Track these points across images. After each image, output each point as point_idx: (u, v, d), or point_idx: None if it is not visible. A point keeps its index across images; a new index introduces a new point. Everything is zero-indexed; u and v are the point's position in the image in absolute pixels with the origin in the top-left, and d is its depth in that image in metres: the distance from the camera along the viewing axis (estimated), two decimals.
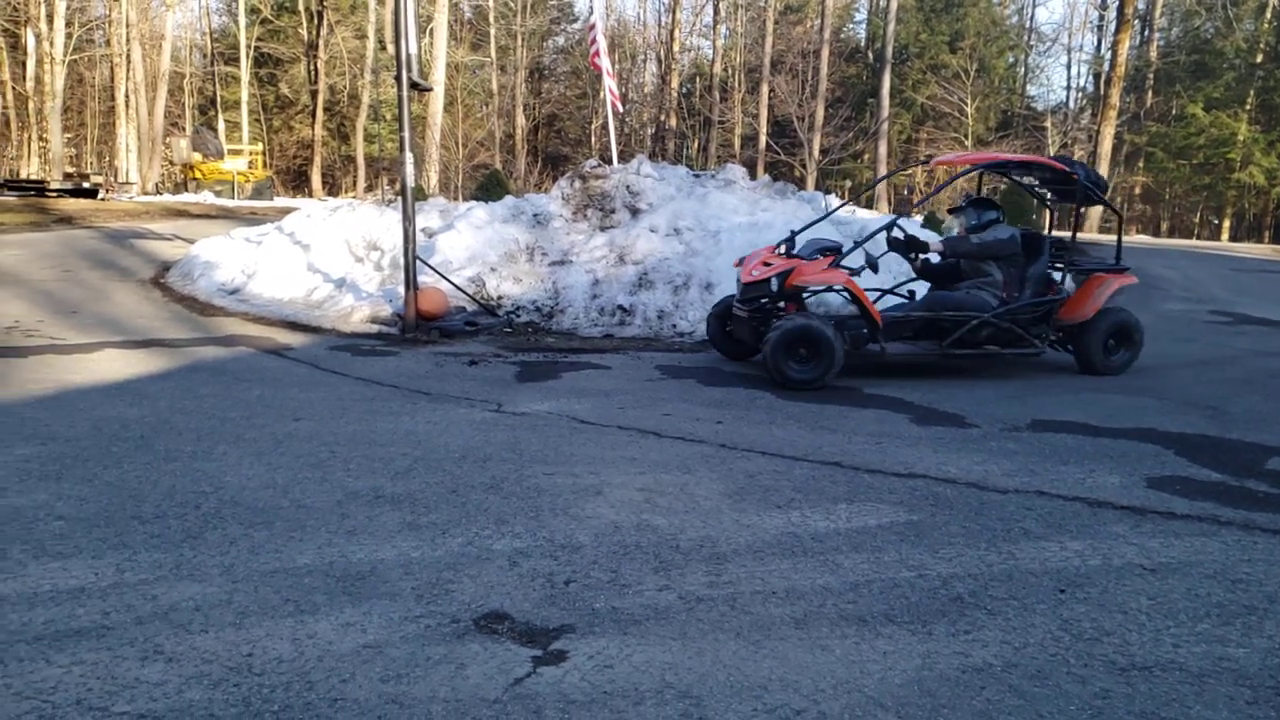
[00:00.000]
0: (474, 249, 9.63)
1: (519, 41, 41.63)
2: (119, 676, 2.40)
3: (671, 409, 5.64)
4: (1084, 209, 10.03)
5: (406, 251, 8.03)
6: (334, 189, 42.09)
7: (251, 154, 35.19)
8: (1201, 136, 34.03)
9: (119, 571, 3.04)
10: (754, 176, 12.10)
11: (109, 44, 37.28)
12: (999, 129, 38.35)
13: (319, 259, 10.20)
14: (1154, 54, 37.93)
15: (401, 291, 8.29)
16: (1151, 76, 37.95)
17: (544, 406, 5.62)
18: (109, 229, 16.97)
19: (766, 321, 6.54)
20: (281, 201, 30.07)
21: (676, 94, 39.86)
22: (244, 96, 39.95)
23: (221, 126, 40.24)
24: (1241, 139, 33.17)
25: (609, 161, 12.10)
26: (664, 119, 39.48)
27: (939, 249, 6.79)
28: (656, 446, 4.76)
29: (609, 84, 13.43)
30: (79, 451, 4.38)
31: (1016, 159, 7.63)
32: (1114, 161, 32.14)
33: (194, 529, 3.43)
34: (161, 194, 31.13)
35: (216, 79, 44.42)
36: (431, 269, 8.87)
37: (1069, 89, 45.67)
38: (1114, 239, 7.57)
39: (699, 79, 44.26)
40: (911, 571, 3.20)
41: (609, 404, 5.74)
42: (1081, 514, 3.83)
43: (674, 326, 8.49)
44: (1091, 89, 42.00)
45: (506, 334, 8.35)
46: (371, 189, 34.65)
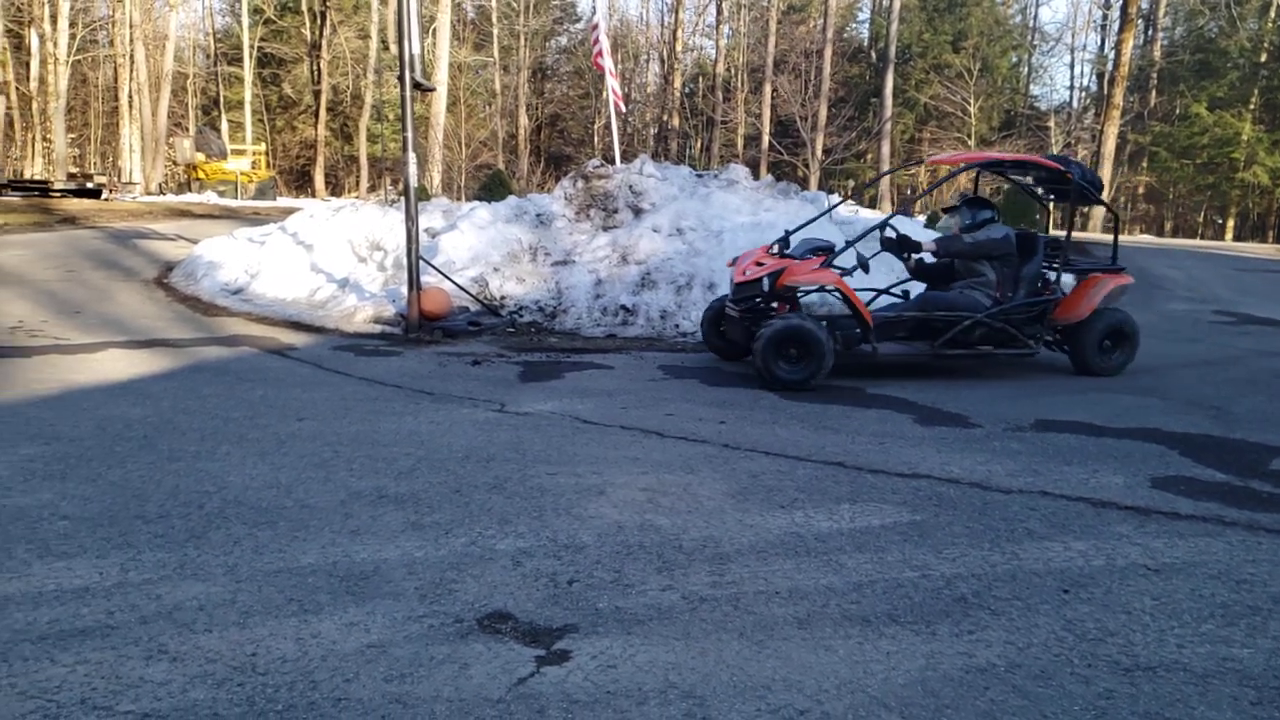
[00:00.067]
0: (477, 249, 9.64)
1: (522, 41, 41.64)
2: (123, 676, 2.41)
3: (674, 409, 5.64)
4: (1087, 209, 10.02)
5: (409, 251, 8.04)
6: (337, 189, 42.15)
7: (254, 154, 35.26)
8: (1205, 136, 33.96)
9: (123, 571, 3.05)
10: (757, 176, 12.11)
11: (112, 44, 37.36)
12: (1002, 129, 38.31)
13: (322, 259, 10.22)
14: (1158, 53, 37.86)
15: (404, 291, 8.30)
16: (1155, 76, 37.89)
17: (547, 406, 5.63)
18: (112, 229, 17.00)
19: (759, 321, 6.51)
20: (284, 202, 30.13)
21: (679, 94, 39.84)
22: (247, 96, 40.02)
23: (225, 127, 40.31)
24: (1245, 138, 33.09)
25: (612, 161, 12.10)
26: (667, 119, 39.48)
27: (931, 249, 6.76)
28: (659, 446, 4.76)
29: (612, 84, 13.44)
30: (83, 451, 4.39)
31: (1011, 158, 7.59)
32: (1117, 161, 32.09)
33: (198, 529, 3.44)
34: (165, 194, 31.20)
35: (219, 79, 44.49)
36: (434, 269, 8.88)
37: (1072, 88, 45.77)
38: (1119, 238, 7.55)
39: (702, 79, 44.24)
40: (915, 572, 3.19)
41: (612, 404, 5.74)
42: (1085, 514, 3.83)
43: (677, 326, 8.49)
44: (1095, 88, 41.95)
45: (509, 334, 8.35)
46: (374, 189, 34.72)
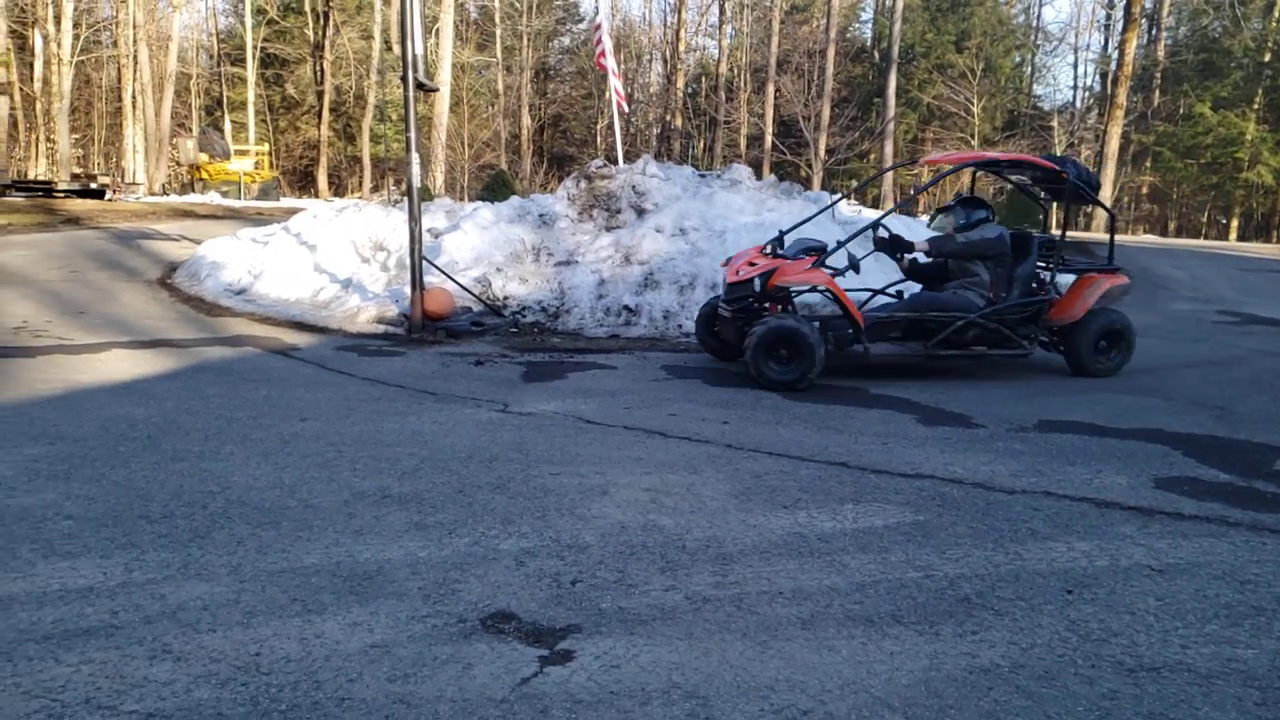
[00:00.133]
0: (480, 249, 9.64)
1: (525, 42, 41.65)
2: (127, 675, 2.41)
3: (677, 409, 5.64)
4: (1090, 209, 9.98)
5: (413, 252, 8.05)
6: (340, 189, 42.18)
7: (258, 154, 35.31)
8: (1209, 136, 33.90)
9: (127, 571, 3.06)
10: (760, 176, 12.11)
11: (116, 45, 37.40)
12: (1005, 129, 38.30)
13: (325, 259, 10.23)
14: (1161, 53, 37.79)
15: (408, 292, 8.30)
16: (1159, 76, 37.81)
17: (550, 407, 5.63)
18: (116, 229, 17.03)
19: (751, 322, 6.50)
20: (288, 202, 30.16)
21: (682, 94, 39.86)
22: (250, 97, 40.07)
23: (228, 127, 40.35)
24: (1249, 138, 33.03)
25: (615, 162, 12.10)
26: (669, 119, 39.47)
27: (924, 248, 6.74)
28: (662, 447, 4.76)
29: (615, 84, 13.41)
30: (87, 451, 4.40)
31: (1007, 158, 7.54)
32: (1121, 161, 32.03)
33: (201, 529, 3.45)
34: (168, 194, 31.26)
35: (223, 80, 44.54)
36: (438, 269, 8.89)
37: (1075, 88, 45.73)
38: (1121, 238, 7.55)
39: (704, 79, 44.25)
40: (918, 572, 3.19)
41: (615, 404, 5.75)
42: (1089, 514, 3.82)
43: (680, 327, 8.49)
44: (1098, 88, 41.92)
45: (512, 334, 8.35)
46: (377, 189, 34.77)
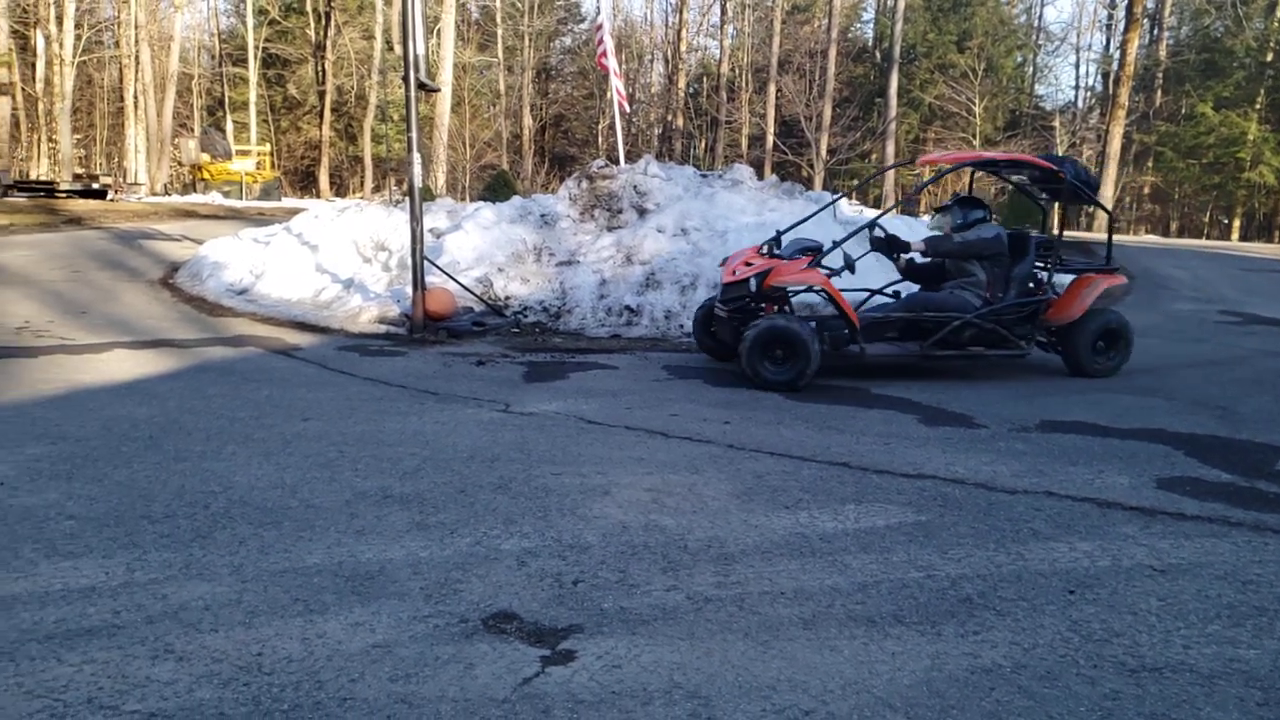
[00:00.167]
0: (481, 249, 9.65)
1: (526, 42, 41.66)
2: (130, 675, 2.42)
3: (679, 409, 5.64)
4: (1091, 209, 9.96)
5: (414, 252, 8.05)
6: (341, 190, 42.20)
7: (259, 155, 35.34)
8: (1211, 136, 33.88)
9: (129, 571, 3.06)
10: (761, 176, 12.11)
11: (118, 45, 37.43)
12: (1007, 128, 38.28)
13: (327, 259, 10.24)
14: (1163, 53, 37.75)
15: (409, 292, 8.31)
16: (1161, 75, 37.78)
17: (551, 407, 5.63)
18: (118, 230, 17.05)
19: (747, 322, 6.49)
20: (289, 202, 30.21)
21: (683, 94, 39.87)
22: (252, 97, 40.12)
23: (229, 127, 40.35)
24: (1251, 138, 33.00)
25: (616, 162, 12.10)
26: (671, 119, 39.49)
27: (920, 248, 6.73)
28: (664, 447, 4.76)
29: (616, 84, 13.41)
30: (89, 451, 4.41)
31: (1005, 157, 7.52)
32: (1123, 161, 31.98)
33: (203, 528, 3.45)
34: (170, 195, 31.30)
35: (224, 80, 44.59)
36: (439, 269, 8.89)
37: (1077, 88, 45.64)
38: (1123, 238, 7.53)
39: (706, 79, 44.23)
40: (920, 572, 3.19)
41: (616, 404, 5.75)
42: (1091, 515, 3.82)
43: (681, 327, 8.49)
44: (1100, 88, 41.87)
45: (514, 334, 8.36)
46: (379, 189, 34.79)
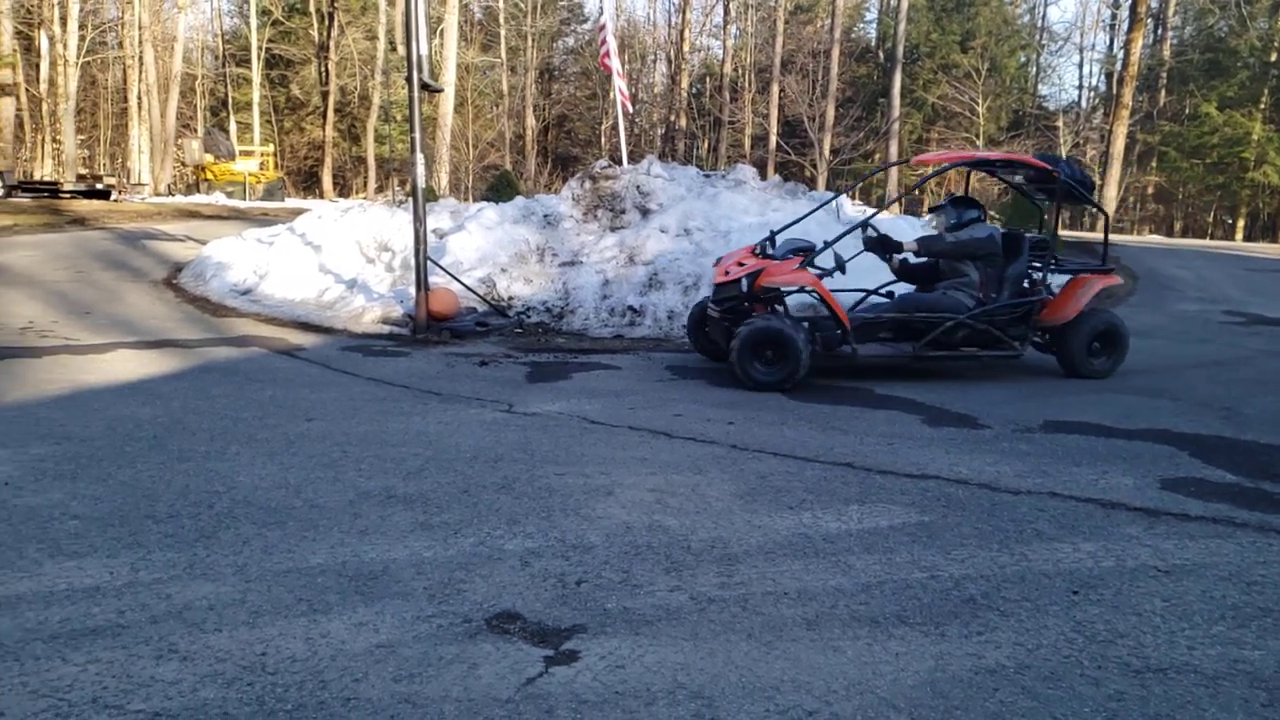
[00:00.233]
0: (484, 250, 9.66)
1: (529, 42, 41.69)
2: (134, 675, 2.42)
3: (682, 409, 5.64)
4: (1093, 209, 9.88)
5: (417, 252, 8.06)
6: (345, 190, 42.27)
7: (263, 155, 35.41)
8: (1215, 136, 33.83)
9: (133, 570, 3.07)
10: (764, 177, 12.10)
11: (121, 46, 37.50)
12: (1011, 128, 38.24)
13: (330, 260, 10.25)
14: (1167, 53, 37.70)
15: (412, 292, 8.31)
16: (1164, 75, 37.71)
17: (555, 407, 5.63)
18: (122, 230, 17.09)
19: (739, 322, 6.48)
20: (293, 203, 30.26)
21: (686, 94, 39.83)
22: (255, 98, 40.19)
23: (233, 128, 40.46)
24: (1256, 138, 32.96)
25: (619, 162, 12.11)
26: (674, 119, 39.46)
27: (912, 248, 6.71)
28: (667, 447, 4.76)
29: (619, 84, 13.41)
30: (93, 451, 4.41)
31: (999, 157, 7.48)
32: (1126, 161, 31.90)
33: (207, 528, 3.45)
34: (173, 195, 31.35)
35: (228, 80, 44.66)
36: (442, 270, 8.90)
37: (1081, 88, 45.58)
38: (1127, 239, 7.50)
39: (709, 79, 44.22)
40: (924, 573, 3.19)
41: (620, 404, 5.75)
42: (1095, 515, 3.82)
43: (684, 327, 8.48)
44: (1104, 88, 41.80)
45: (517, 334, 8.36)
46: (382, 190, 34.78)
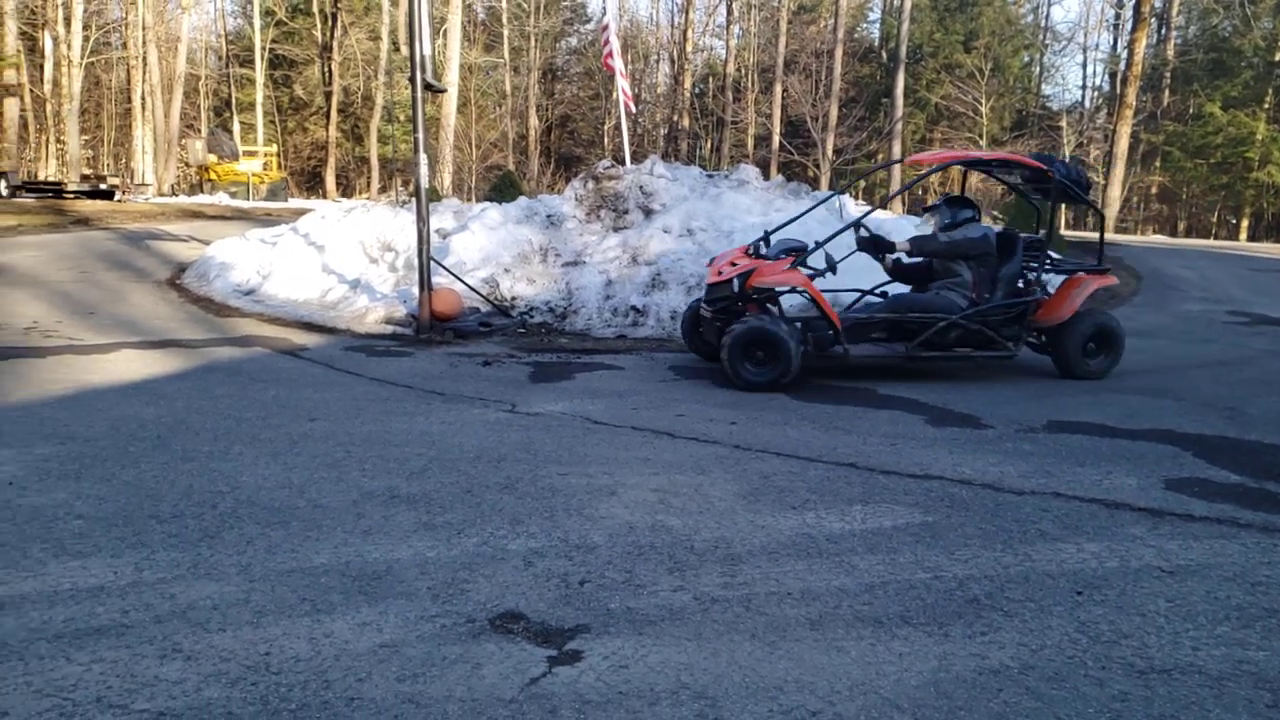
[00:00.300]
0: (488, 250, 9.66)
1: (532, 43, 41.73)
2: (138, 674, 2.42)
3: (685, 409, 5.64)
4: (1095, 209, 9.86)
5: (421, 252, 8.07)
6: (348, 190, 42.33)
7: (266, 155, 35.46)
8: (1219, 135, 33.78)
9: (137, 570, 3.07)
10: (767, 177, 12.08)
11: (125, 46, 37.61)
12: (1014, 128, 38.17)
13: (334, 260, 10.26)
14: (1171, 52, 37.64)
15: (415, 292, 8.32)
16: (1168, 75, 37.67)
17: (558, 407, 5.63)
18: (125, 230, 17.12)
19: (731, 323, 6.46)
20: (296, 203, 30.33)
21: (689, 94, 39.82)
22: (259, 98, 40.24)
23: (236, 128, 40.53)
24: (1260, 138, 32.89)
25: (622, 162, 12.12)
26: (677, 119, 39.46)
27: (905, 248, 6.69)
28: (670, 447, 4.76)
29: (622, 85, 13.42)
30: (97, 451, 4.42)
31: (994, 157, 7.44)
32: (1130, 161, 31.88)
33: (211, 528, 3.46)
34: (177, 195, 31.41)
35: (231, 81, 44.76)
36: (445, 270, 8.91)
37: (1085, 88, 45.53)
38: (1130, 239, 7.49)
39: (712, 79, 44.22)
40: (927, 573, 3.18)
41: (623, 404, 5.75)
42: (1098, 515, 3.81)
43: None
44: (1107, 88, 41.77)
45: (520, 334, 8.36)
46: (385, 190, 34.81)
